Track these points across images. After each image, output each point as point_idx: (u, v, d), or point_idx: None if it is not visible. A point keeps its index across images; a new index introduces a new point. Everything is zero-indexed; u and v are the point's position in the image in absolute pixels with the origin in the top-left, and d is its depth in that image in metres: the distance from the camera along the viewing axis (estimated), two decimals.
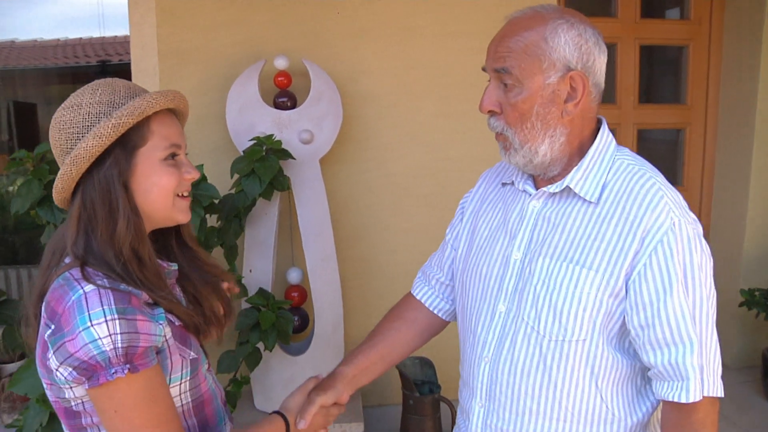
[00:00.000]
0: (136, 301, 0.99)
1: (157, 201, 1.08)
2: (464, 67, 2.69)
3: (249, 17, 2.65)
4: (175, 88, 2.56)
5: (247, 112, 2.54)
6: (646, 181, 1.07)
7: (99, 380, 0.95)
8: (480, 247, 1.24)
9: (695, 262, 1.01)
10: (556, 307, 1.07)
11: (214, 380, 1.22)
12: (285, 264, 2.78)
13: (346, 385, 1.30)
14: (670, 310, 1.01)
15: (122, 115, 1.01)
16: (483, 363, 1.18)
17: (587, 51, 1.07)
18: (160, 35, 2.63)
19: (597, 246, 1.06)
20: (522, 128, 1.09)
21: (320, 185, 2.57)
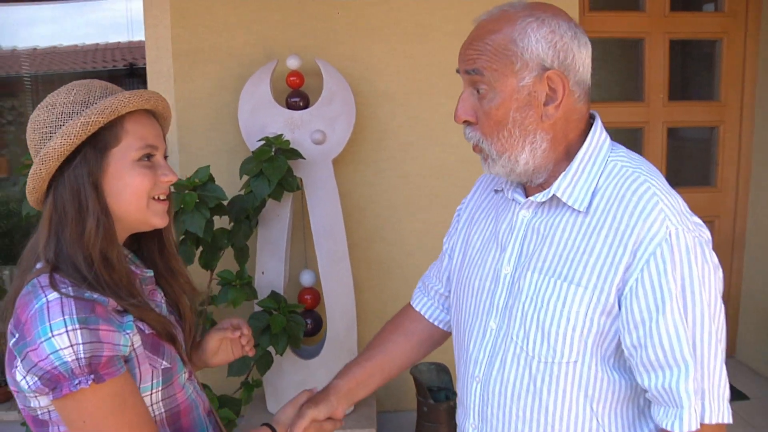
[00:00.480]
0: (100, 310, 0.96)
1: (130, 203, 1.05)
2: None
3: (262, 17, 2.62)
4: (189, 89, 2.61)
5: (259, 112, 2.51)
6: (639, 186, 0.97)
7: (62, 391, 0.92)
8: (472, 258, 1.18)
9: (695, 276, 0.91)
10: (543, 326, 0.99)
11: (195, 390, 1.18)
12: (299, 266, 2.74)
13: (341, 398, 1.26)
14: (663, 330, 0.91)
15: (92, 113, 0.98)
16: (474, 382, 1.11)
17: (563, 47, 0.97)
18: (174, 36, 2.63)
19: (586, 260, 0.97)
20: (498, 137, 1.01)
21: (333, 186, 2.53)
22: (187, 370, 1.17)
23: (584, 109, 1.04)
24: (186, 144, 2.72)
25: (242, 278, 2.29)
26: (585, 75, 1.01)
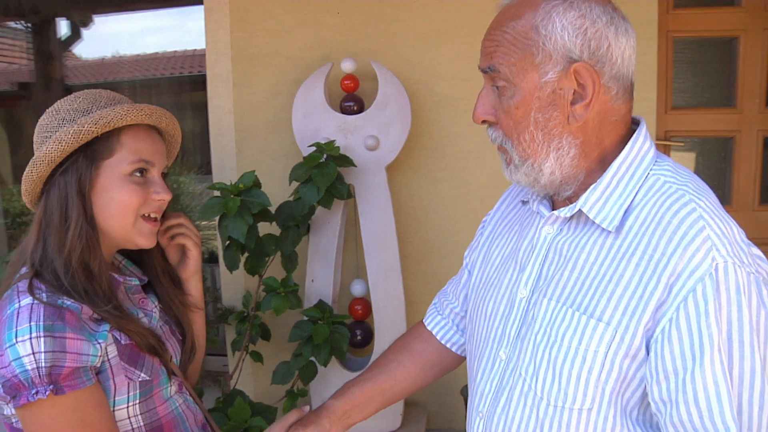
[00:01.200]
0: (70, 317, 0.93)
1: (115, 217, 1.02)
2: None
3: (319, 20, 2.58)
4: (247, 93, 2.60)
5: (311, 116, 2.46)
6: (683, 206, 0.81)
7: (20, 400, 0.90)
8: (489, 278, 1.06)
9: (746, 321, 0.75)
10: (555, 364, 0.86)
11: (185, 403, 1.13)
12: (351, 275, 2.67)
13: (335, 421, 1.16)
14: (699, 385, 0.75)
15: (85, 122, 0.97)
16: (478, 418, 1.00)
17: (596, 35, 0.83)
18: (233, 40, 2.63)
19: (611, 291, 0.83)
20: (520, 140, 0.89)
21: (385, 194, 2.43)
22: (176, 382, 1.12)
23: (624, 109, 0.90)
24: (243, 148, 2.71)
25: (287, 286, 2.24)
26: (625, 68, 0.87)
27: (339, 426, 1.17)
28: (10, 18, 4.20)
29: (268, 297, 2.23)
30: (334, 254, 2.47)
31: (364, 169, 2.42)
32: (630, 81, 0.90)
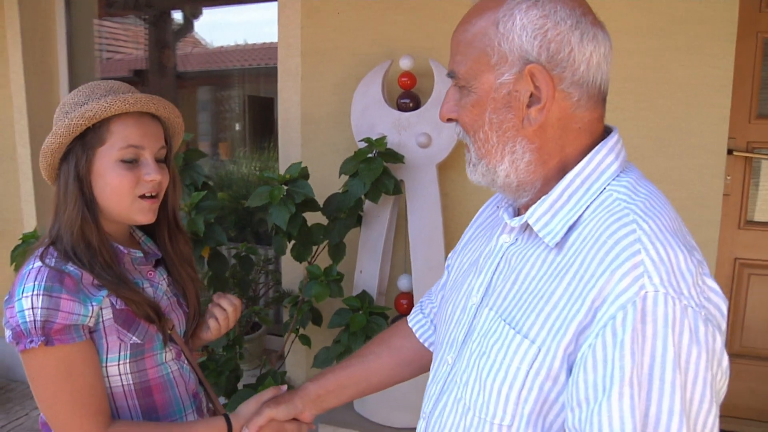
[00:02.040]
0: (69, 282, 1.06)
1: (112, 199, 1.13)
2: (611, 71, 2.33)
3: (384, 17, 2.62)
4: (314, 87, 2.71)
5: (369, 112, 2.52)
6: (622, 227, 0.76)
7: (20, 346, 1.04)
8: (456, 281, 1.06)
9: (669, 357, 0.68)
10: (481, 375, 0.84)
11: (179, 371, 1.23)
12: (400, 270, 2.71)
13: (308, 403, 1.22)
14: (605, 419, 0.70)
15: (75, 116, 1.08)
16: (422, 419, 1.00)
17: (557, 38, 0.79)
18: (304, 36, 2.73)
19: (541, 308, 0.79)
20: (475, 139, 0.87)
21: (435, 191, 2.45)
22: (174, 350, 1.22)
23: (588, 117, 0.84)
24: (308, 139, 2.82)
25: (329, 275, 2.32)
26: (590, 76, 0.82)
27: (312, 408, 1.22)
28: (129, 12, 4.59)
29: (310, 284, 2.32)
30: (381, 248, 2.52)
31: (415, 166, 2.45)
32: (598, 89, 0.84)
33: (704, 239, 2.31)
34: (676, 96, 2.27)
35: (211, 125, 5.54)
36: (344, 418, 2.54)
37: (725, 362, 0.74)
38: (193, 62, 5.46)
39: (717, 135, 2.24)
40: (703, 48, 2.21)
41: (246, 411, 1.21)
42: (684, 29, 2.22)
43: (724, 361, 0.74)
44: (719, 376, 0.73)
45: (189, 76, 5.31)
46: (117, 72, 4.77)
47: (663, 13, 2.24)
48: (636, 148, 2.34)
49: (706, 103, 2.23)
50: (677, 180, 2.31)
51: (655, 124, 2.31)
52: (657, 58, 2.27)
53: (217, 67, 5.31)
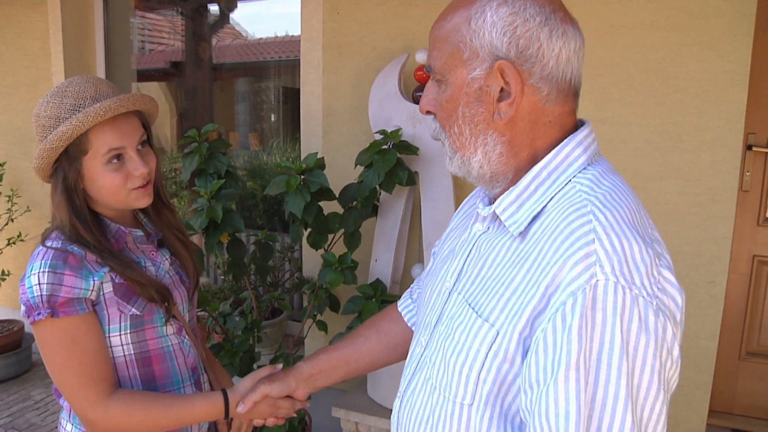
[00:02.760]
0: (72, 260, 1.15)
1: (108, 197, 1.23)
2: (626, 65, 2.34)
3: (403, 12, 2.67)
4: (335, 80, 2.80)
5: (386, 104, 2.58)
6: (579, 217, 0.78)
7: (30, 319, 1.14)
8: (436, 267, 1.11)
9: (616, 343, 0.71)
10: (446, 355, 0.89)
11: (180, 344, 1.32)
12: (415, 259, 2.77)
13: (301, 381, 1.29)
14: (551, 400, 0.73)
15: (53, 139, 1.16)
16: (397, 396, 1.06)
17: (525, 34, 0.82)
18: (325, 30, 2.81)
19: (501, 293, 0.83)
20: (450, 133, 0.91)
21: (448, 183, 2.49)
22: (175, 325, 1.31)
23: (558, 111, 0.87)
24: (328, 131, 2.90)
25: (344, 262, 2.39)
26: (559, 71, 0.85)
27: (305, 387, 1.29)
28: (165, 5, 4.73)
29: (325, 270, 2.40)
30: (396, 237, 2.58)
31: (429, 158, 2.50)
32: (569, 83, 0.87)
33: (718, 235, 2.31)
34: (691, 91, 2.26)
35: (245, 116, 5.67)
36: (357, 402, 2.62)
37: (676, 352, 0.75)
38: (228, 54, 5.59)
39: (732, 130, 2.23)
40: (720, 43, 2.20)
41: (242, 387, 1.28)
42: (701, 24, 2.21)
43: (675, 351, 0.75)
44: (669, 365, 0.75)
45: (224, 67, 5.45)
46: (153, 64, 4.94)
47: (680, 8, 2.23)
48: (650, 143, 2.34)
49: (721, 99, 2.22)
50: (691, 175, 2.31)
51: (670, 119, 2.30)
52: (673, 52, 2.26)
53: (252, 59, 5.43)
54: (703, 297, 2.37)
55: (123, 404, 1.18)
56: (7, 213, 3.83)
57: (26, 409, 3.37)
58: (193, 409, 1.23)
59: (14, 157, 3.93)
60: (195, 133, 2.48)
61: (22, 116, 3.86)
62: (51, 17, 3.61)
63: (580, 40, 0.87)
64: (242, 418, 1.29)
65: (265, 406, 1.27)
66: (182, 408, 1.23)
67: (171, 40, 5.08)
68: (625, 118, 2.36)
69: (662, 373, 0.73)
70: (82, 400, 1.16)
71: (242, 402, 1.26)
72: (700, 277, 2.36)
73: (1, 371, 3.66)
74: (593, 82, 2.39)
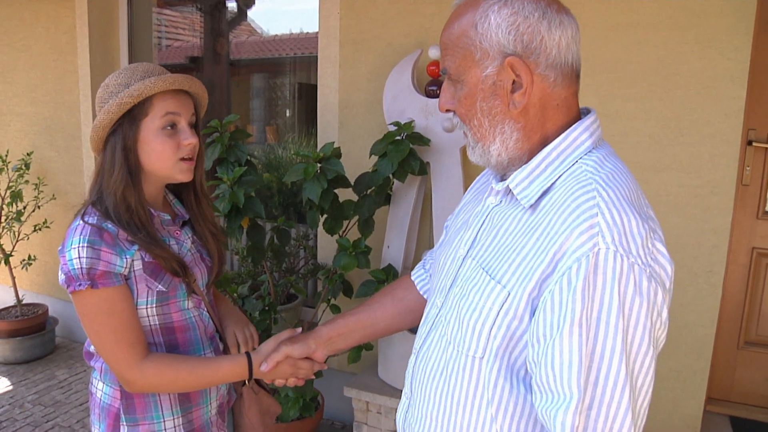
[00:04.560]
0: (107, 237, 1.26)
1: (157, 162, 1.34)
2: (628, 62, 2.44)
3: (417, 9, 2.78)
4: (351, 74, 2.93)
5: (399, 98, 2.69)
6: (585, 193, 0.88)
7: (70, 288, 1.25)
8: (450, 237, 1.21)
9: (615, 305, 0.81)
10: (460, 313, 0.99)
11: (200, 316, 1.43)
12: (426, 246, 2.88)
13: (320, 344, 1.38)
14: (557, 352, 0.84)
15: (124, 95, 1.28)
16: (413, 353, 1.16)
17: (528, 30, 0.92)
18: (342, 26, 2.93)
19: (512, 259, 0.93)
20: (471, 126, 1.01)
21: (458, 174, 2.61)
22: (195, 299, 1.43)
23: (564, 93, 0.97)
24: (345, 123, 3.02)
25: (358, 247, 2.51)
26: (561, 57, 0.95)
27: (324, 349, 1.39)
28: (185, 1, 4.87)
29: (339, 255, 2.52)
30: (407, 225, 2.69)
31: (440, 149, 2.61)
32: (571, 67, 0.96)
33: (716, 226, 2.40)
34: (692, 87, 2.36)
35: (262, 111, 5.79)
36: (368, 383, 2.74)
37: (665, 314, 0.86)
38: (245, 50, 5.72)
39: (732, 125, 2.32)
40: (720, 41, 2.30)
41: (265, 349, 1.39)
42: (701, 22, 2.31)
43: (664, 313, 0.86)
44: (658, 325, 0.86)
45: (242, 63, 5.57)
46: (173, 59, 5.07)
47: (681, 7, 2.33)
48: (652, 137, 2.44)
49: (721, 95, 2.32)
50: (691, 168, 2.41)
51: (672, 113, 2.40)
52: (674, 50, 2.36)
53: (269, 55, 5.55)
54: (702, 286, 2.47)
55: (155, 365, 1.30)
56: (34, 200, 3.98)
57: (51, 388, 3.52)
58: (219, 369, 1.34)
59: (41, 147, 4.08)
60: (217, 123, 2.61)
61: (49, 108, 4.01)
62: (78, 12, 3.75)
63: (575, 26, 0.98)
64: (265, 377, 1.39)
65: (286, 366, 1.37)
66: (208, 368, 1.34)
67: (189, 37, 5.21)
68: (628, 113, 2.46)
69: (652, 331, 0.84)
70: (120, 360, 1.28)
71: (265, 362, 1.36)
72: (699, 266, 2.45)
73: (27, 352, 3.82)
74: (598, 78, 2.49)
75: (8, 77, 4.14)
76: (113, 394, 1.37)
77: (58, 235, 4.05)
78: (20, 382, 3.58)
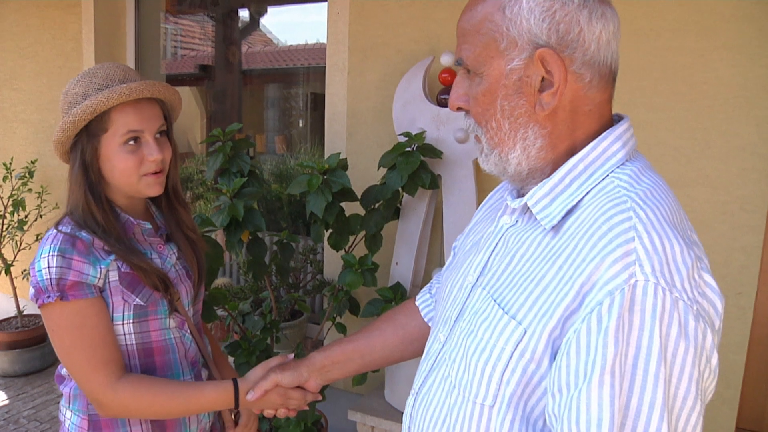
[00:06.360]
0: (80, 245, 1.16)
1: (121, 179, 1.23)
2: (651, 69, 2.30)
3: (428, 15, 2.67)
4: (360, 82, 2.81)
5: (409, 106, 2.57)
6: (619, 213, 0.74)
7: (39, 302, 1.15)
8: (458, 261, 1.07)
9: (654, 349, 0.67)
10: (467, 353, 0.85)
11: (181, 338, 1.32)
12: (436, 263, 2.75)
13: (314, 372, 1.27)
14: (583, 405, 0.69)
15: (77, 112, 1.17)
16: (411, 394, 1.02)
17: (565, 18, 0.78)
18: (351, 32, 2.82)
19: (531, 290, 0.79)
20: (488, 128, 0.85)
21: (470, 186, 2.48)
22: (177, 319, 1.31)
23: (599, 98, 0.83)
24: (353, 132, 2.90)
25: (364, 264, 2.38)
26: (600, 55, 0.80)
27: (317, 377, 1.26)
28: (196, 10, 4.81)
29: (345, 272, 2.39)
30: (417, 241, 2.56)
31: (452, 161, 2.48)
32: (609, 67, 0.83)
33: (746, 245, 2.25)
34: (720, 96, 2.21)
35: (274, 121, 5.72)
36: (373, 406, 2.60)
37: (714, 360, 0.72)
38: (257, 60, 5.66)
39: (763, 137, 2.17)
40: (750, 46, 2.15)
41: (253, 376, 1.27)
42: (730, 27, 2.17)
43: (714, 359, 0.72)
44: (707, 374, 0.71)
45: (253, 73, 5.51)
46: (183, 69, 5.02)
47: (708, 11, 2.19)
48: (677, 150, 2.30)
49: (752, 104, 2.17)
50: (719, 183, 2.26)
51: (698, 124, 2.26)
52: (701, 56, 2.22)
53: (281, 65, 5.49)
54: (730, 309, 2.31)
55: (132, 387, 1.18)
56: (37, 209, 3.91)
57: (49, 402, 3.42)
58: (202, 396, 1.23)
59: (45, 155, 4.02)
60: (219, 132, 2.50)
61: (54, 115, 3.95)
62: (84, 18, 3.69)
63: (618, 21, 0.84)
64: (252, 406, 1.27)
65: (275, 396, 1.26)
66: (191, 394, 1.23)
67: (201, 45, 5.15)
68: (651, 123, 2.32)
69: (700, 382, 0.70)
70: (92, 381, 1.17)
71: (253, 390, 1.24)
72: (728, 287, 2.29)
73: (26, 364, 3.73)
74: (618, 86, 2.32)
75: (15, 84, 4.09)
76: (80, 424, 1.26)
77: None
78: (17, 396, 3.48)
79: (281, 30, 5.40)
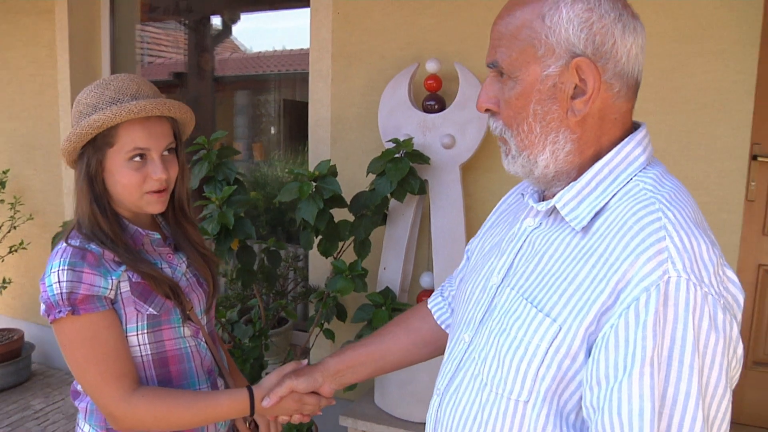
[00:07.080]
0: (90, 257, 1.15)
1: (122, 194, 1.22)
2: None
3: (414, 21, 2.70)
4: (344, 89, 2.81)
5: (395, 113, 2.59)
6: (649, 214, 0.79)
7: (50, 317, 1.14)
8: (477, 264, 1.09)
9: (689, 341, 0.71)
10: (500, 351, 0.87)
11: (197, 347, 1.31)
12: (423, 267, 2.77)
13: (328, 377, 1.28)
14: (624, 397, 0.73)
15: (84, 125, 1.16)
16: (436, 395, 1.04)
17: (601, 30, 0.82)
18: (335, 39, 2.83)
19: (564, 288, 0.82)
20: (518, 131, 0.89)
21: (457, 191, 2.51)
22: (192, 327, 1.30)
23: (625, 108, 0.88)
24: (337, 139, 2.91)
25: (354, 270, 2.39)
26: (629, 67, 0.85)
27: (331, 382, 1.28)
28: (170, 17, 4.75)
29: (335, 278, 2.39)
30: (405, 245, 2.58)
31: (439, 167, 2.51)
32: (635, 80, 0.88)
33: (726, 243, 2.32)
34: (700, 100, 2.29)
35: (247, 128, 5.68)
36: (364, 411, 2.61)
37: (740, 350, 0.77)
38: (230, 66, 5.61)
39: (740, 139, 2.25)
40: (727, 53, 2.23)
41: (268, 383, 1.27)
42: (708, 34, 2.25)
43: (740, 349, 0.77)
44: (734, 363, 0.76)
45: (226, 80, 5.46)
46: (157, 75, 4.94)
47: (688, 18, 2.26)
48: (660, 151, 2.33)
49: (729, 108, 2.25)
50: (700, 183, 2.33)
51: (680, 127, 2.33)
52: (682, 62, 2.29)
53: (254, 71, 5.45)
54: None
55: (146, 400, 1.18)
56: (10, 221, 3.81)
57: (26, 419, 3.33)
58: (217, 405, 1.23)
59: (18, 164, 3.92)
60: (204, 140, 2.48)
61: (27, 124, 3.86)
62: (58, 25, 3.62)
63: (644, 34, 0.88)
64: (268, 413, 1.27)
65: (290, 402, 1.26)
66: (206, 404, 1.22)
67: (173, 53, 5.09)
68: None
69: (728, 370, 0.74)
70: (105, 396, 1.16)
71: (268, 396, 1.25)
72: None
73: (1, 380, 3.63)
74: None
75: None
76: None
77: (35, 257, 3.88)
78: None
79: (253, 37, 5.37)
